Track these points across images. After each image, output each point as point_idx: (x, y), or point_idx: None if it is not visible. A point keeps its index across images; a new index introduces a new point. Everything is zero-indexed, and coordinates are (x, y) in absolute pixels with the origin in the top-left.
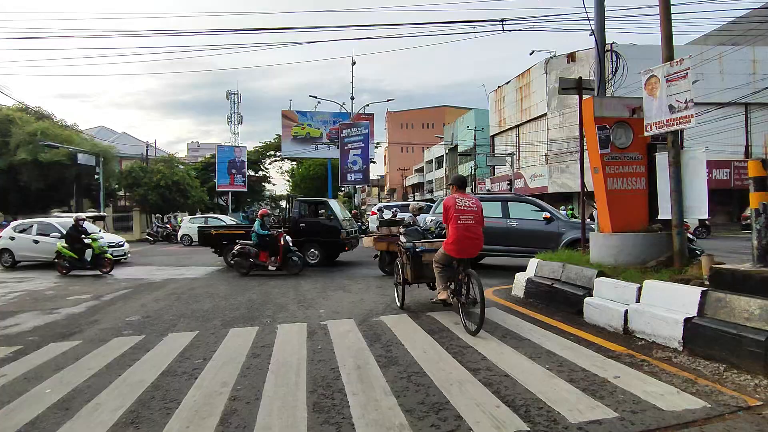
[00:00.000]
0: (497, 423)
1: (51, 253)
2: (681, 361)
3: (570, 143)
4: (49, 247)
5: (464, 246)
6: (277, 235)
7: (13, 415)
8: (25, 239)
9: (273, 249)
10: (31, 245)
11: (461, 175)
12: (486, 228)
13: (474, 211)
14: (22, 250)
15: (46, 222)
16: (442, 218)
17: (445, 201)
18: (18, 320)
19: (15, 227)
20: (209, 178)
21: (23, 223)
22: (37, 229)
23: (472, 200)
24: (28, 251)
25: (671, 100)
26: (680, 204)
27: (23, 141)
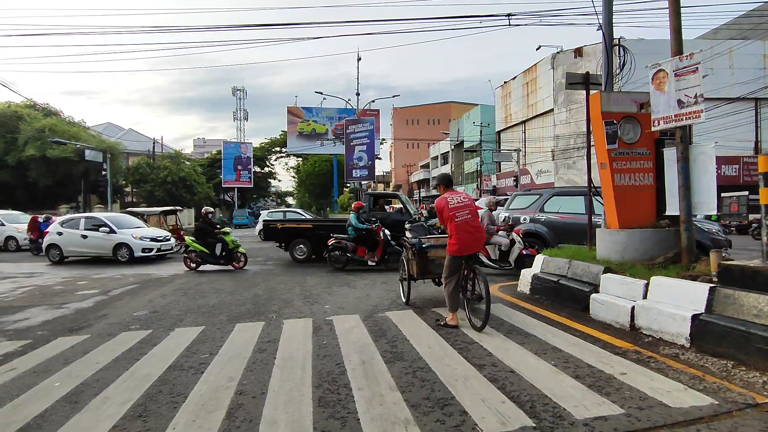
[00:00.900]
0: (502, 419)
1: (100, 248)
2: (688, 357)
3: (577, 139)
4: (99, 242)
5: (468, 242)
6: (375, 229)
7: (23, 408)
8: (73, 234)
9: (371, 243)
10: (80, 240)
11: (446, 173)
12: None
13: (468, 206)
14: (70, 246)
15: (95, 216)
16: (438, 221)
17: (436, 203)
18: (27, 315)
19: (62, 222)
20: (215, 174)
21: (70, 218)
22: (85, 224)
23: (462, 195)
24: (77, 246)
25: (680, 95)
26: (688, 200)
27: (31, 137)
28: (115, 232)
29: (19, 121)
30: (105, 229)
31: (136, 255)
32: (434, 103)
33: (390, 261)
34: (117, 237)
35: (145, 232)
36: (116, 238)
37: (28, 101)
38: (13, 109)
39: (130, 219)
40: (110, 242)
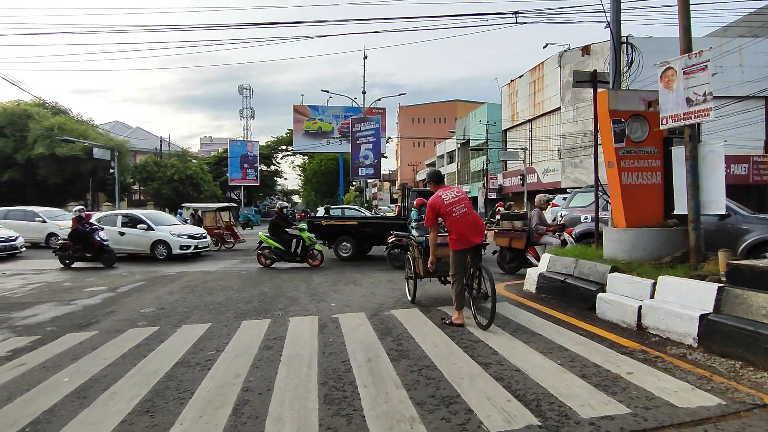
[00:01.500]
0: (508, 417)
1: (138, 246)
2: (696, 357)
3: (584, 137)
4: (136, 239)
5: (467, 234)
6: None
7: (32, 403)
8: (111, 231)
9: None
10: (117, 237)
11: (435, 170)
12: None
13: (462, 199)
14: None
15: (132, 213)
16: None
17: (431, 201)
18: (36, 311)
19: (99, 219)
20: (222, 173)
21: (108, 214)
22: (122, 220)
23: (455, 190)
24: (113, 243)
25: (689, 93)
26: (697, 199)
27: (41, 135)
28: (153, 229)
29: (29, 119)
30: (143, 226)
31: (174, 252)
32: (440, 101)
33: None
34: (155, 234)
35: (182, 230)
36: (154, 236)
37: (38, 100)
38: (22, 108)
39: (166, 216)
40: (148, 239)
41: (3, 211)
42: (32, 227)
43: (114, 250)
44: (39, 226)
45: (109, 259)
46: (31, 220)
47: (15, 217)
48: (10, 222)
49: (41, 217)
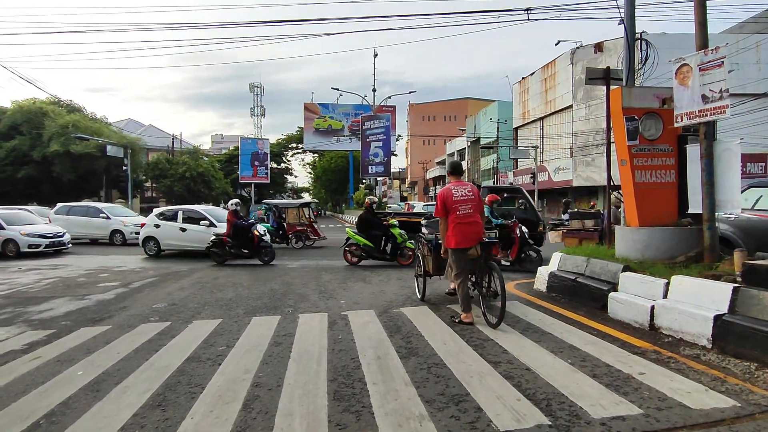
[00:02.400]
0: (518, 416)
1: (200, 242)
2: (710, 359)
3: (596, 135)
4: (198, 236)
5: (465, 234)
6: (511, 226)
7: (47, 395)
8: (171, 227)
9: (505, 241)
10: (178, 233)
11: (456, 161)
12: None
13: (471, 199)
14: (168, 239)
15: (193, 209)
16: (439, 211)
17: (440, 193)
18: (51, 305)
19: (159, 214)
20: (233, 170)
21: (168, 209)
22: (183, 216)
23: (467, 188)
24: (175, 240)
25: (704, 90)
26: (712, 197)
27: (56, 133)
28: (216, 226)
29: (44, 117)
30: (205, 223)
31: None
32: (451, 99)
33: (525, 261)
34: (217, 230)
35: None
36: (216, 232)
37: (53, 98)
38: (38, 106)
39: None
40: (210, 236)
41: (66, 207)
42: (96, 224)
43: (272, 246)
44: (103, 223)
45: (268, 256)
46: (94, 217)
47: (78, 213)
48: (73, 218)
49: (105, 214)
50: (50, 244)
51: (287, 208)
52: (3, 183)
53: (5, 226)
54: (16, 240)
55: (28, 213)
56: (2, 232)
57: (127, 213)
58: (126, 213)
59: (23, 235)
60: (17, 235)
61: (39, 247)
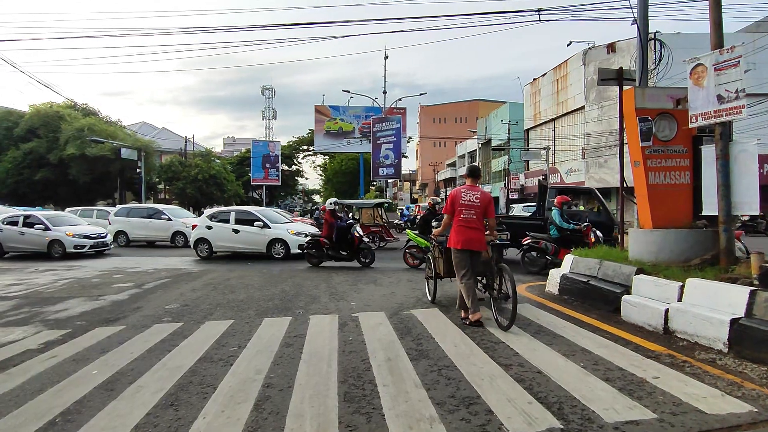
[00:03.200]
0: (529, 419)
1: (253, 244)
2: (726, 363)
3: (609, 137)
4: (252, 237)
5: (465, 237)
6: (585, 230)
7: (63, 394)
8: (224, 229)
9: (578, 246)
10: (231, 235)
11: (475, 165)
12: None
13: (476, 206)
14: (220, 241)
15: (246, 210)
16: (447, 209)
17: (451, 192)
18: (67, 305)
19: (210, 216)
20: (244, 173)
21: (220, 210)
22: (235, 217)
23: (477, 194)
24: (227, 241)
25: (720, 90)
26: (728, 199)
27: (72, 136)
28: (270, 227)
29: (61, 120)
30: (259, 224)
31: (292, 252)
32: (462, 101)
33: None
34: (272, 232)
35: (300, 228)
36: (271, 234)
37: (69, 102)
38: (55, 110)
39: (275, 214)
40: (264, 238)
41: (126, 208)
42: (156, 225)
43: (371, 248)
44: (164, 225)
45: (368, 258)
46: (155, 218)
47: (138, 214)
48: (134, 220)
49: (166, 215)
50: (94, 245)
51: (362, 208)
52: (21, 185)
53: (51, 227)
54: (62, 241)
55: (70, 214)
56: (48, 233)
57: (187, 215)
58: (186, 215)
59: (69, 236)
60: (63, 236)
61: (84, 247)
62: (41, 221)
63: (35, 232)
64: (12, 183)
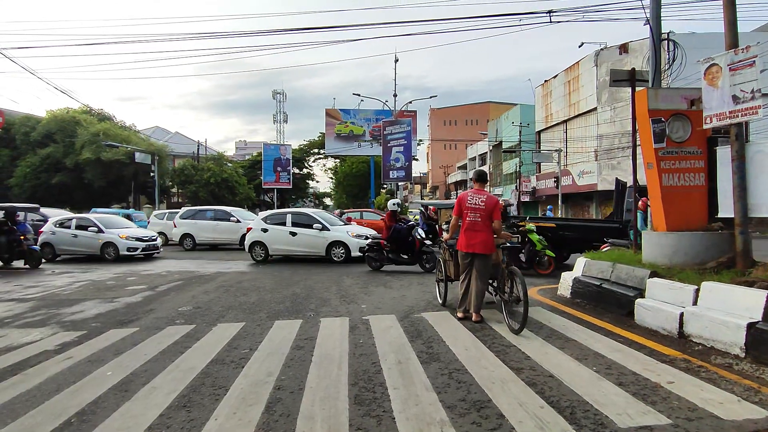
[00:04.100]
0: (541, 424)
1: (312, 247)
2: (743, 368)
3: (622, 138)
4: (310, 240)
5: (470, 240)
6: None
7: (78, 394)
8: (280, 231)
9: None
10: (288, 238)
11: (481, 169)
12: None
13: (482, 209)
14: (276, 244)
15: (303, 212)
16: (455, 211)
17: (459, 196)
18: (82, 307)
19: (266, 218)
20: (256, 176)
21: (276, 213)
22: (292, 219)
23: (483, 197)
24: (284, 245)
25: (735, 90)
26: (744, 201)
27: (87, 141)
28: (329, 230)
29: (77, 126)
30: (318, 226)
31: (353, 254)
32: (472, 103)
33: None
34: (331, 235)
35: (359, 230)
36: (330, 236)
37: (85, 107)
38: (71, 115)
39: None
40: (323, 240)
41: (191, 210)
42: (224, 227)
43: (434, 252)
44: (233, 227)
45: (430, 262)
46: (223, 220)
47: (205, 217)
48: (201, 223)
49: (235, 217)
50: (146, 248)
51: (442, 209)
52: (38, 189)
53: (104, 229)
54: (115, 243)
55: (120, 217)
56: (101, 235)
57: (253, 217)
58: (252, 216)
59: (122, 238)
60: (116, 238)
61: (137, 250)
62: (94, 223)
63: (88, 234)
64: (29, 187)
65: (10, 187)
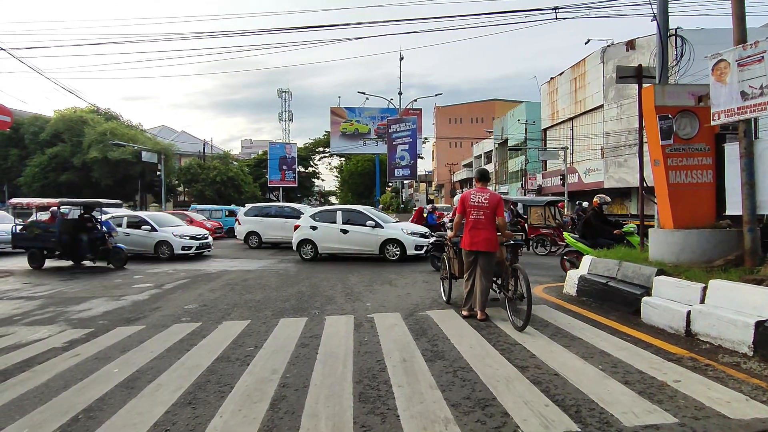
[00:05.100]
0: (546, 422)
1: (364, 245)
2: (751, 367)
3: (629, 135)
4: (363, 238)
5: (473, 238)
6: None
7: (85, 391)
8: (330, 229)
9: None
10: (338, 236)
11: (483, 168)
12: None
13: (484, 207)
14: (326, 242)
15: (354, 209)
16: (458, 209)
17: (461, 195)
18: (90, 305)
19: (314, 215)
20: (261, 174)
21: (325, 210)
22: (342, 217)
23: (486, 195)
24: (335, 243)
25: (744, 86)
26: (752, 198)
27: (95, 140)
28: (383, 227)
29: (84, 125)
30: (371, 223)
31: (408, 253)
32: (478, 101)
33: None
34: (385, 233)
35: (414, 228)
36: (384, 234)
37: (92, 107)
38: (78, 114)
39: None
40: (377, 238)
41: (256, 207)
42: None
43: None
44: None
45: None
46: (292, 218)
47: (271, 214)
48: (267, 220)
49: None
50: (200, 246)
51: (530, 207)
52: (46, 188)
53: (158, 228)
54: (170, 242)
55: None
56: (155, 234)
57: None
58: None
59: (176, 236)
60: (170, 237)
61: (191, 249)
62: (147, 222)
63: (141, 233)
64: (38, 186)
65: (20, 186)
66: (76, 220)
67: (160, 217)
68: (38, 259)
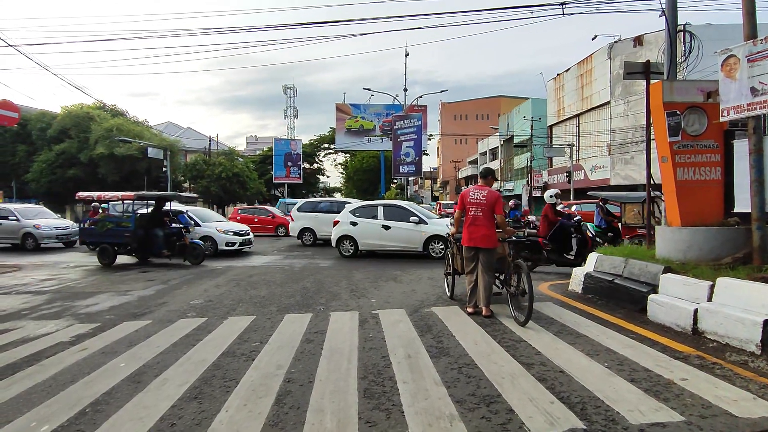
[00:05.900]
0: (551, 419)
1: (407, 242)
2: (759, 365)
3: (635, 132)
4: (406, 234)
5: (473, 234)
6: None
7: (92, 385)
8: (372, 225)
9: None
10: (380, 232)
11: (488, 167)
12: None
13: (482, 204)
14: (367, 238)
15: (396, 204)
16: (458, 206)
17: (462, 192)
18: (97, 300)
19: (353, 211)
20: (267, 171)
21: (365, 205)
22: (384, 212)
23: (484, 192)
24: (376, 239)
25: (754, 82)
26: (762, 195)
27: (101, 137)
28: (426, 223)
29: (91, 121)
30: (414, 219)
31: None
32: (483, 97)
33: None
34: (430, 229)
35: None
36: (429, 230)
37: (99, 103)
38: (85, 111)
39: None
40: (420, 235)
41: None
42: None
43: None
44: None
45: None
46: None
47: (325, 209)
48: (321, 216)
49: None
50: (243, 242)
51: (625, 204)
52: (53, 184)
53: (200, 222)
54: (214, 238)
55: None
56: (199, 230)
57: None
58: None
59: (220, 232)
60: (214, 232)
61: (234, 245)
62: (190, 217)
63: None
64: (46, 182)
65: (28, 182)
66: (151, 214)
67: (201, 212)
68: (109, 255)
